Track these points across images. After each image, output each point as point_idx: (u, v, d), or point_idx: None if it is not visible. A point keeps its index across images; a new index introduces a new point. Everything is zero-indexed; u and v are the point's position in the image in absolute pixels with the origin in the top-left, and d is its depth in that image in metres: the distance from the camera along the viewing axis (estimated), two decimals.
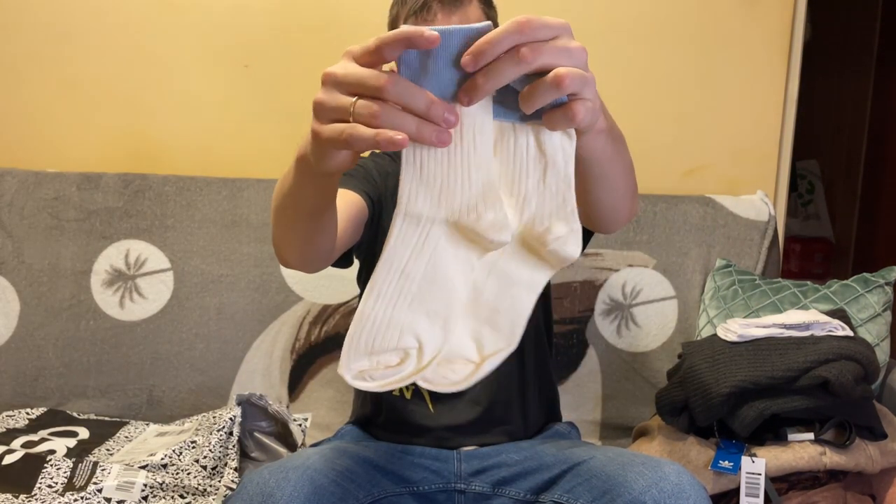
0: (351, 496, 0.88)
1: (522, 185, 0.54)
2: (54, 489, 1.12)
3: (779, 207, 1.69)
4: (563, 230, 0.55)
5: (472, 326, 0.57)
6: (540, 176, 0.54)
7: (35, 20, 1.68)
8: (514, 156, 0.54)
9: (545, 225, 0.55)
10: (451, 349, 0.56)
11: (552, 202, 0.55)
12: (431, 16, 0.99)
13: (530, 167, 0.54)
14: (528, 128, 0.53)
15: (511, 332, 0.56)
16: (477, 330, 0.57)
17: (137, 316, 1.54)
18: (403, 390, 1.10)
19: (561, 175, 0.54)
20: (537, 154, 0.54)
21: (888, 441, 1.11)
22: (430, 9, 0.99)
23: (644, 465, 0.84)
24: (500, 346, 0.57)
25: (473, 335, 0.57)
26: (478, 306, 0.57)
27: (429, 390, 1.07)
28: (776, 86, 1.66)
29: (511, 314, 0.57)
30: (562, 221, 0.55)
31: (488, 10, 1.06)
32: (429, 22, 0.99)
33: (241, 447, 1.28)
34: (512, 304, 0.57)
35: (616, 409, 1.50)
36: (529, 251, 0.57)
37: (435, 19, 0.99)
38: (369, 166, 1.12)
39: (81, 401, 1.51)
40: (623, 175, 0.77)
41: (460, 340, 0.57)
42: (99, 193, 1.57)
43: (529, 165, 0.54)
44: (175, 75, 1.69)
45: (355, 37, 1.86)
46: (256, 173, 1.64)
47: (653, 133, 1.68)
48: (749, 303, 1.40)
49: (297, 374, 1.54)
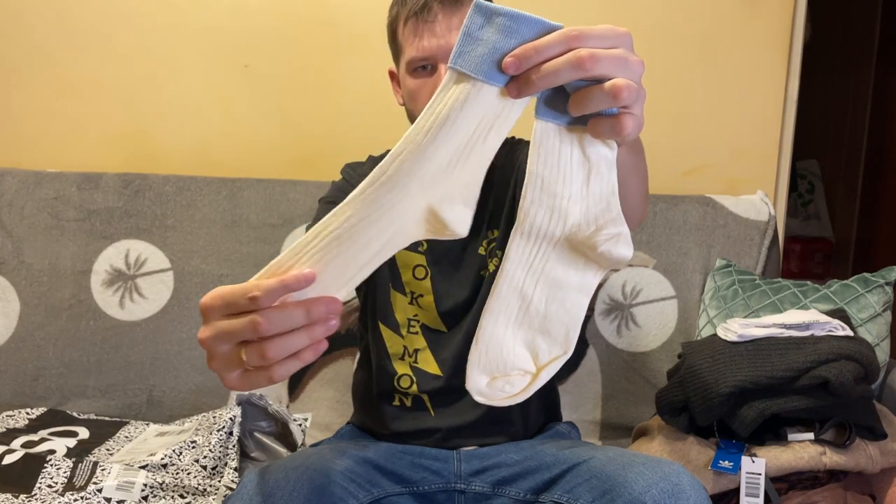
0: (351, 496, 0.88)
1: (566, 188, 0.54)
2: (54, 489, 1.12)
3: (779, 207, 1.69)
4: (612, 231, 0.55)
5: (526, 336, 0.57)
6: (583, 180, 0.54)
7: (35, 20, 1.68)
8: (558, 159, 0.53)
9: (592, 228, 0.55)
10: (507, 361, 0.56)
11: (596, 207, 0.54)
12: (432, 16, 0.98)
13: (574, 171, 0.53)
14: (573, 132, 0.52)
15: (566, 337, 0.57)
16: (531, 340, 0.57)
17: (137, 316, 1.54)
18: (404, 399, 1.10)
19: (605, 181, 0.54)
20: (581, 159, 0.53)
21: (888, 441, 1.11)
22: (430, 9, 0.99)
23: (644, 465, 0.84)
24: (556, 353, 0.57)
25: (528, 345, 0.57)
26: (528, 316, 0.56)
27: (430, 398, 1.08)
28: (776, 86, 1.66)
29: (565, 319, 0.56)
30: (609, 223, 0.55)
31: None
32: (429, 23, 0.99)
33: (242, 447, 1.28)
34: (565, 308, 0.56)
35: (616, 409, 1.50)
36: (576, 253, 0.56)
37: (435, 20, 0.99)
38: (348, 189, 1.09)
39: (81, 401, 1.51)
40: (638, 183, 0.79)
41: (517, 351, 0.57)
42: (99, 193, 1.57)
43: (574, 169, 0.53)
44: (175, 75, 1.69)
45: (355, 37, 1.87)
46: (256, 173, 1.64)
47: (653, 133, 1.68)
48: (749, 303, 1.40)
49: (297, 374, 1.54)
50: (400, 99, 1.10)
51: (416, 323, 1.09)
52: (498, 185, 1.10)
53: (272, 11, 1.66)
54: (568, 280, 0.56)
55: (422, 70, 1.01)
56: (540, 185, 0.53)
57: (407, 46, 1.01)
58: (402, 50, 1.03)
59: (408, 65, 1.02)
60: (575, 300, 0.56)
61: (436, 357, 1.08)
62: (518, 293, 0.56)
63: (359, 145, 1.28)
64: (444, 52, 0.98)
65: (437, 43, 0.98)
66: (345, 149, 1.59)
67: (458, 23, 0.99)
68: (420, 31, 0.99)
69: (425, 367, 1.09)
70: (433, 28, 0.98)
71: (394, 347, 1.10)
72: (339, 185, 1.15)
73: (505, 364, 0.56)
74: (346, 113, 1.68)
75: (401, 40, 1.03)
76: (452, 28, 0.98)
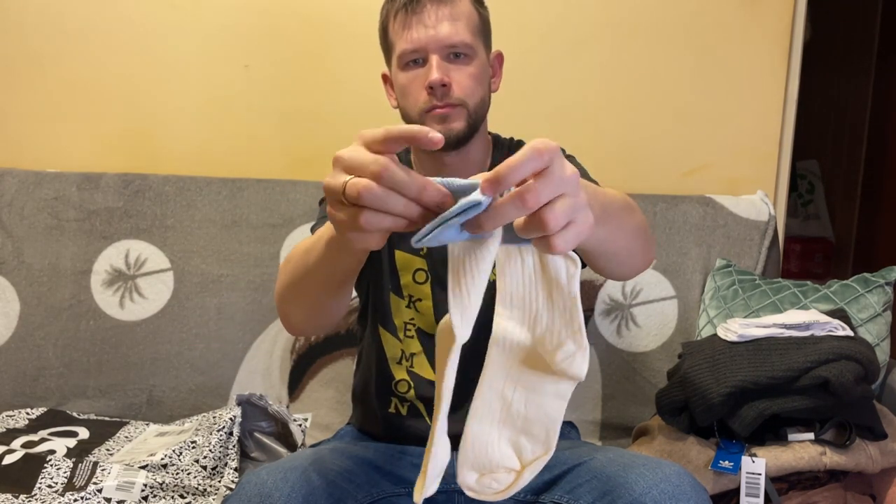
0: (349, 497, 0.88)
1: (533, 302, 0.57)
2: (54, 489, 1.12)
3: (779, 207, 1.69)
4: (570, 348, 0.58)
5: (510, 436, 0.60)
6: (547, 294, 0.57)
7: (35, 20, 1.68)
8: (521, 275, 0.56)
9: (554, 342, 0.57)
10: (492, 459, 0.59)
11: (560, 319, 0.57)
12: (420, 7, 0.98)
13: (538, 286, 0.56)
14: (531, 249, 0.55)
15: (546, 438, 0.60)
16: (515, 439, 0.60)
17: (137, 316, 1.54)
18: (400, 407, 1.10)
19: (565, 293, 0.56)
20: (542, 274, 0.56)
21: (888, 441, 1.11)
22: (420, 2, 0.98)
23: (645, 466, 0.84)
24: (538, 452, 0.60)
25: (512, 444, 0.60)
26: (510, 417, 0.59)
27: (426, 407, 1.07)
28: (776, 86, 1.66)
29: (545, 421, 0.60)
30: (570, 339, 0.57)
31: (479, 7, 1.04)
32: (419, 14, 0.98)
33: (242, 447, 1.28)
34: (543, 412, 0.59)
35: (616, 409, 1.50)
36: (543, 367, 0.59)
37: (424, 10, 0.98)
38: None
39: (81, 401, 1.51)
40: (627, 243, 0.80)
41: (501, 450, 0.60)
42: (99, 193, 1.57)
43: (537, 284, 0.56)
44: (175, 75, 1.69)
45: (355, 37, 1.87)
46: (256, 173, 1.64)
47: (653, 133, 1.68)
48: (749, 303, 1.40)
49: (297, 375, 1.54)
50: (394, 102, 1.08)
51: (413, 327, 1.09)
52: None
53: (272, 11, 1.66)
54: (543, 387, 0.59)
55: (413, 64, 1.00)
56: (510, 301, 0.57)
57: (398, 40, 1.00)
58: (393, 45, 1.02)
59: (399, 59, 1.01)
60: (552, 404, 0.60)
61: (430, 362, 1.08)
62: (499, 396, 0.59)
63: None
64: (434, 43, 0.98)
65: (428, 34, 0.98)
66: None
67: (447, 13, 0.98)
68: (410, 22, 0.98)
69: (421, 371, 1.08)
70: (422, 19, 0.98)
71: (391, 351, 1.10)
72: None
73: (491, 462, 0.59)
74: (346, 113, 1.68)
75: (392, 36, 1.02)
76: (442, 18, 0.98)
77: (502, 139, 1.15)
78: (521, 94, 1.64)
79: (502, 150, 1.13)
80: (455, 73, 0.99)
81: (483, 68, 1.03)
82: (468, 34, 1.00)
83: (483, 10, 1.05)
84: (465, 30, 1.00)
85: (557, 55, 1.66)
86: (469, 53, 1.00)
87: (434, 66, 0.98)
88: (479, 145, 1.07)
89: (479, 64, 1.02)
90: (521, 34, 1.64)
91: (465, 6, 1.01)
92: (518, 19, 1.64)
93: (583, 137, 1.67)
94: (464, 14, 1.00)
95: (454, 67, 0.99)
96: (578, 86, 1.67)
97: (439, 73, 0.97)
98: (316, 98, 1.68)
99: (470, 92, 1.00)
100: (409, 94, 1.01)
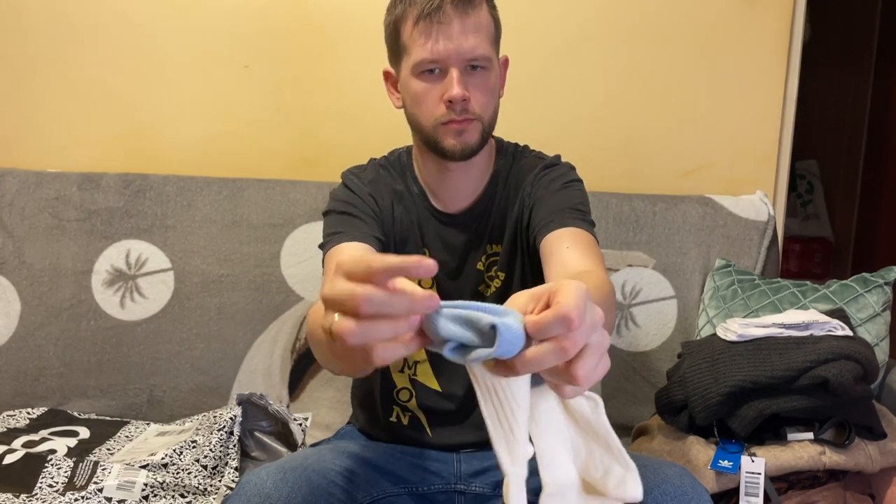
0: (350, 497, 0.88)
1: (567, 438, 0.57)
2: (55, 489, 1.13)
3: (778, 207, 1.69)
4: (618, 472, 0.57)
5: None
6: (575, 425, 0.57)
7: (36, 20, 1.68)
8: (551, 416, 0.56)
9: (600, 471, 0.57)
10: None
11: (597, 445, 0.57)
12: (446, 18, 0.95)
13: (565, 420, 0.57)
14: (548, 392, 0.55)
15: None
16: None
17: (138, 316, 1.54)
18: (401, 416, 1.10)
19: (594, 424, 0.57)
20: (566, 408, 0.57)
21: (888, 441, 1.11)
22: (444, 11, 0.94)
23: (646, 467, 0.84)
24: None
25: None
26: None
27: (427, 417, 1.07)
28: (776, 85, 1.66)
29: None
30: (614, 463, 0.57)
31: (493, 11, 1.03)
32: (443, 24, 0.95)
33: (242, 447, 1.28)
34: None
35: (616, 409, 1.50)
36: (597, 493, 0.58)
37: (450, 22, 0.95)
38: (358, 203, 1.06)
39: (82, 400, 1.51)
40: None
41: None
42: (99, 193, 1.57)
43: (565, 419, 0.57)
44: (175, 75, 1.69)
45: (356, 37, 1.86)
46: (256, 173, 1.64)
47: (653, 133, 1.68)
48: (748, 302, 1.40)
49: (298, 374, 1.54)
50: (396, 101, 1.06)
51: None
52: (501, 195, 1.09)
53: (272, 12, 1.66)
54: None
55: (429, 73, 0.98)
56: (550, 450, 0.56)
57: (416, 48, 0.97)
58: (407, 50, 0.99)
59: (414, 67, 0.98)
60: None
61: (434, 370, 1.08)
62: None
63: (359, 146, 1.27)
64: (456, 56, 0.96)
65: (450, 46, 0.95)
66: (345, 149, 1.59)
67: (471, 25, 0.96)
68: (432, 32, 0.95)
69: (424, 380, 1.08)
70: (447, 31, 0.95)
71: None
72: (344, 194, 1.08)
73: None
74: (346, 113, 1.68)
75: (406, 40, 0.98)
76: (466, 31, 0.95)
77: (505, 144, 1.14)
78: (521, 95, 1.64)
79: (506, 157, 1.11)
80: (472, 86, 0.98)
81: (497, 80, 1.02)
82: (488, 46, 0.99)
83: (496, 14, 1.04)
84: (486, 41, 0.98)
85: (557, 55, 1.66)
86: (487, 66, 0.99)
87: (455, 80, 0.96)
88: (484, 152, 1.06)
89: (494, 76, 1.01)
90: (522, 34, 1.64)
91: (485, 16, 0.99)
92: (518, 19, 1.64)
93: (583, 137, 1.67)
94: (484, 25, 0.98)
95: (472, 80, 0.98)
96: (578, 86, 1.67)
97: (460, 88, 0.95)
98: (316, 98, 1.68)
99: (486, 106, 0.99)
100: (423, 103, 0.99)
